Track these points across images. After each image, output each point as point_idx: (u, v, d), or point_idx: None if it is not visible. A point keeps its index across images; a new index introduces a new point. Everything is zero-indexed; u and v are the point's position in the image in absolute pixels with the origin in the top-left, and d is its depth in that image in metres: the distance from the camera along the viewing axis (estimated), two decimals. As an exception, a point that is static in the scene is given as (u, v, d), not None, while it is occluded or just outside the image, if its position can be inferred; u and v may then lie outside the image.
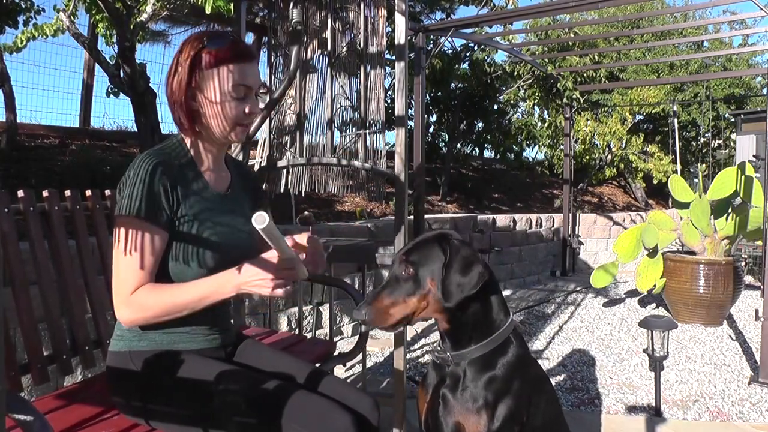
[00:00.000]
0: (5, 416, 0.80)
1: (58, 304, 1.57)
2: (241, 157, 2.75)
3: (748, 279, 5.78)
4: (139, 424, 1.27)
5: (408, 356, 3.27)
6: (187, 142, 1.35)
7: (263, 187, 3.02)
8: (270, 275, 1.13)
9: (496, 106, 8.68)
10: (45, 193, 1.56)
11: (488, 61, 7.82)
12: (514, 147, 9.34)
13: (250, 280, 1.15)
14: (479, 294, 1.23)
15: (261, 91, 1.35)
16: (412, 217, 4.35)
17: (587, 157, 8.79)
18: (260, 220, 1.02)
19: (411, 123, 4.69)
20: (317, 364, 1.31)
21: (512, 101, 8.89)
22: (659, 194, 11.34)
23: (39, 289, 1.53)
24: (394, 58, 3.04)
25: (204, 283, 1.19)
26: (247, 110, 1.30)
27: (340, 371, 3.22)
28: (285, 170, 3.09)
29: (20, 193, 1.50)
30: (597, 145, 8.97)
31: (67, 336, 1.60)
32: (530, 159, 10.87)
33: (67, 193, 1.64)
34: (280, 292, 1.14)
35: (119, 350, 1.30)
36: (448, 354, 1.28)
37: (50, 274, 1.56)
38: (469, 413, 1.21)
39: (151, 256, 1.20)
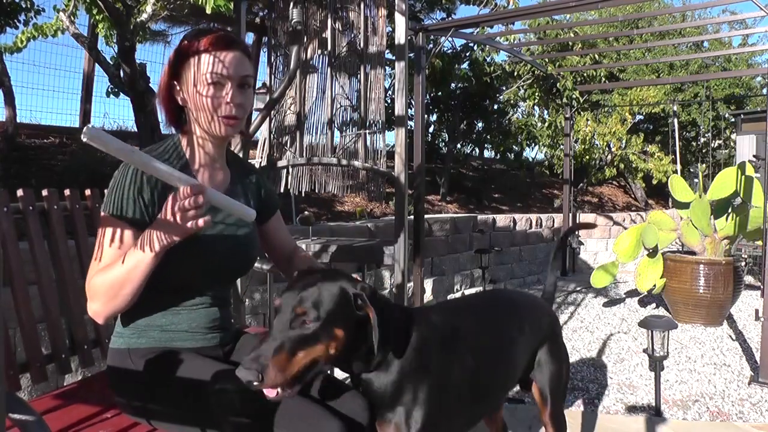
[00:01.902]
0: (5, 416, 0.80)
1: (57, 303, 1.56)
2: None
3: (748, 279, 5.78)
4: (138, 424, 1.26)
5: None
6: (183, 141, 1.34)
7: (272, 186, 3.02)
8: (172, 216, 1.07)
9: (496, 106, 8.68)
10: (44, 192, 1.56)
11: (488, 61, 7.82)
12: (514, 147, 9.34)
13: (162, 230, 1.11)
14: None
15: (248, 81, 1.30)
16: (412, 217, 4.35)
17: (587, 157, 8.79)
18: (86, 132, 0.93)
19: (411, 123, 4.68)
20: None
21: (512, 101, 8.89)
22: (659, 194, 11.34)
23: (38, 288, 1.53)
24: (394, 58, 3.04)
25: (132, 251, 1.16)
26: (226, 99, 1.26)
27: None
28: (285, 170, 3.09)
29: (20, 192, 1.50)
30: (597, 145, 8.97)
31: (66, 335, 1.60)
32: (530, 159, 10.88)
33: (67, 192, 1.64)
34: (194, 225, 1.08)
35: (118, 347, 1.30)
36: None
37: (49, 274, 1.56)
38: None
39: (115, 253, 1.19)
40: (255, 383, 1.02)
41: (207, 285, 1.34)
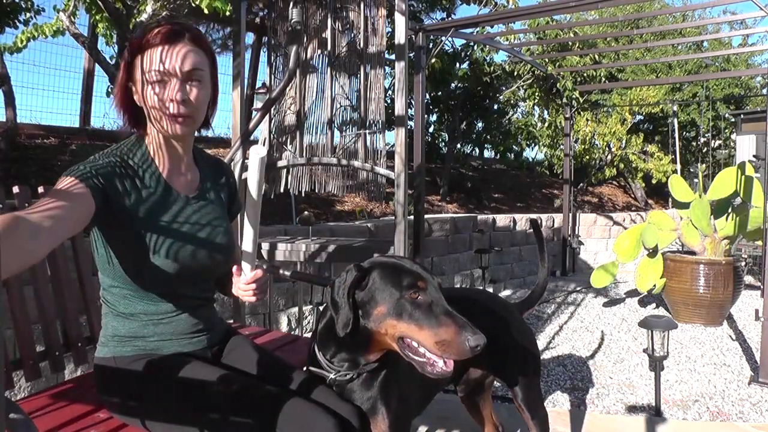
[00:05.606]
0: (5, 416, 0.80)
1: (52, 302, 1.56)
2: (239, 156, 2.75)
3: (748, 279, 5.77)
4: (128, 425, 1.25)
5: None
6: (146, 141, 1.27)
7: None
8: None
9: (496, 106, 8.69)
10: (40, 189, 1.55)
11: (488, 60, 7.82)
12: (514, 147, 9.36)
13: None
14: None
15: (196, 75, 1.21)
16: (412, 217, 4.35)
17: (587, 157, 8.80)
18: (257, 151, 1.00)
19: (411, 123, 4.68)
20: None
21: (512, 101, 8.89)
22: (659, 194, 11.34)
23: (33, 286, 1.52)
24: (394, 57, 3.03)
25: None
26: (168, 96, 1.18)
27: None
28: (285, 170, 3.09)
29: (15, 189, 1.49)
30: (597, 145, 8.98)
31: (60, 333, 1.59)
32: (530, 159, 10.89)
33: (64, 190, 1.63)
34: None
35: (104, 356, 1.26)
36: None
37: (45, 272, 1.55)
38: None
39: (56, 208, 1.03)
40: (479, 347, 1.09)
41: (184, 286, 1.28)
